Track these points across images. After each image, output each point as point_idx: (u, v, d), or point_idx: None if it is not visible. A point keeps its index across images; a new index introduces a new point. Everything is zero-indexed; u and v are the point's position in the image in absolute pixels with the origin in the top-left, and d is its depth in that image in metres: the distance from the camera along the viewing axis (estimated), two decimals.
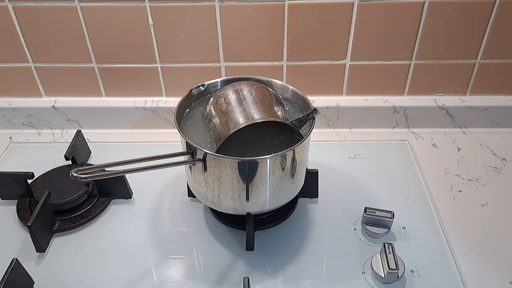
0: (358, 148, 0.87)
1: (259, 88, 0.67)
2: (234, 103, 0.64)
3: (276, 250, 0.68)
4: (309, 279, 0.64)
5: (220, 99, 0.65)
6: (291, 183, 0.65)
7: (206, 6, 0.79)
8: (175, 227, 0.72)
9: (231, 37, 0.83)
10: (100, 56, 0.86)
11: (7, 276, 0.57)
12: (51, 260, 0.67)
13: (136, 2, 0.79)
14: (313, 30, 0.82)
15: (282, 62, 0.86)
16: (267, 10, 0.79)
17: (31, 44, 0.85)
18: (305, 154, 0.66)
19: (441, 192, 0.77)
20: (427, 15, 0.80)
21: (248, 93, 0.65)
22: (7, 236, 0.71)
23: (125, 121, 0.92)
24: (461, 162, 0.84)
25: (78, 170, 0.53)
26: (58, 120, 0.93)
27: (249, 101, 0.64)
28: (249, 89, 0.66)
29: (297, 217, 0.73)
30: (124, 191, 0.76)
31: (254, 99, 0.64)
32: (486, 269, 0.64)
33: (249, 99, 0.64)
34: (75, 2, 0.79)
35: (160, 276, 0.64)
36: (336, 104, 0.90)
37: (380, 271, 0.61)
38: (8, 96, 0.92)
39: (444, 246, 0.68)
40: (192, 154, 0.61)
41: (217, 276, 0.64)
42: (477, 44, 0.83)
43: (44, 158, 0.84)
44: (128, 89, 0.91)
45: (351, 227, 0.71)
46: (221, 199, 0.64)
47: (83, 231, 0.71)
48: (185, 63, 0.87)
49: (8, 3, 0.79)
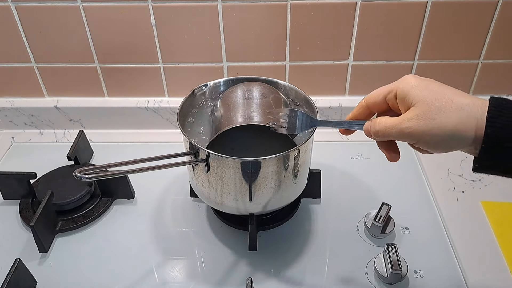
0: (361, 148, 0.87)
1: (270, 91, 0.67)
2: (239, 102, 0.64)
3: (279, 251, 0.67)
4: (312, 280, 0.63)
5: (228, 96, 0.66)
6: (294, 183, 0.65)
7: (208, 6, 0.79)
8: (177, 228, 0.72)
9: (233, 37, 0.83)
10: (103, 56, 0.86)
11: (10, 276, 0.57)
12: (54, 260, 0.67)
13: (139, 2, 0.79)
14: (316, 30, 0.82)
15: (284, 62, 0.86)
16: (269, 10, 0.79)
17: (34, 44, 0.85)
18: (308, 155, 0.66)
19: (444, 193, 0.77)
20: (429, 15, 0.79)
21: (257, 94, 0.65)
22: (10, 236, 0.71)
23: (127, 121, 0.92)
24: (464, 162, 0.84)
25: (82, 170, 0.53)
26: (60, 120, 0.93)
27: (255, 103, 0.64)
28: (259, 91, 0.66)
29: (300, 217, 0.73)
30: (127, 191, 0.76)
31: (261, 101, 0.64)
32: (489, 269, 0.64)
33: (256, 100, 0.64)
34: (78, 2, 0.79)
35: (163, 276, 0.64)
36: (338, 104, 0.90)
37: (383, 272, 0.61)
38: (10, 96, 0.92)
39: (447, 246, 0.68)
40: (195, 154, 0.61)
41: (220, 276, 0.64)
42: (480, 44, 0.83)
43: (46, 158, 0.84)
44: (131, 89, 0.91)
45: (354, 227, 0.71)
46: (224, 200, 0.64)
47: (85, 231, 0.71)
48: (188, 63, 0.87)
49: (10, 3, 0.79)
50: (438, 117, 0.43)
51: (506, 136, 0.40)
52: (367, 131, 0.50)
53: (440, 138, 0.43)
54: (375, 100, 0.50)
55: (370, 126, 0.49)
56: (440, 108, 0.43)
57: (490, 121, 0.40)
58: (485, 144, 0.41)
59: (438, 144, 0.44)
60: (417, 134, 0.44)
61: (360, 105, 0.52)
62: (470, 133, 0.42)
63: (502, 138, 0.40)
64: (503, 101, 0.42)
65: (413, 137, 0.45)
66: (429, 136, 0.44)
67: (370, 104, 0.51)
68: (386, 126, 0.47)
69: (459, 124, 0.42)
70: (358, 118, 0.52)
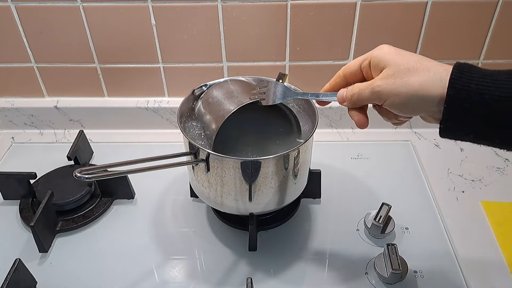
0: (361, 148, 0.87)
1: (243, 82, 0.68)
2: (221, 97, 0.64)
3: (279, 251, 0.67)
4: (312, 280, 0.63)
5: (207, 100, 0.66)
6: (294, 183, 0.65)
7: (208, 6, 0.79)
8: (177, 228, 0.72)
9: (233, 37, 0.83)
10: (103, 56, 0.86)
11: (10, 276, 0.57)
12: (54, 260, 0.67)
13: (139, 2, 0.79)
14: (316, 30, 0.82)
15: (284, 62, 0.86)
16: (269, 10, 0.79)
17: (34, 44, 0.85)
18: (308, 155, 0.66)
19: (444, 193, 0.77)
20: (430, 15, 0.79)
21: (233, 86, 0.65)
22: (10, 236, 0.71)
23: (127, 121, 0.92)
24: (464, 162, 0.84)
25: (82, 170, 0.53)
26: (60, 120, 0.93)
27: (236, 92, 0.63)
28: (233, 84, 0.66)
29: (300, 217, 0.73)
30: (127, 191, 0.76)
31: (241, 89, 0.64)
32: (489, 269, 0.64)
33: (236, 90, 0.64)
34: (78, 2, 0.79)
35: (163, 277, 0.64)
36: (338, 104, 0.90)
37: (383, 272, 0.61)
38: (10, 96, 0.92)
39: (447, 246, 0.68)
40: (195, 154, 0.61)
41: (220, 276, 0.64)
42: (480, 44, 0.83)
43: (46, 158, 0.84)
44: (131, 89, 0.91)
45: (354, 227, 0.71)
46: (224, 200, 0.64)
47: (85, 231, 0.71)
48: (188, 63, 0.87)
49: (10, 3, 0.79)
50: (406, 77, 0.45)
51: (465, 96, 0.42)
52: (341, 97, 0.53)
53: (405, 96, 0.45)
54: (351, 70, 0.53)
55: (345, 92, 0.52)
56: (409, 69, 0.46)
57: (452, 82, 0.42)
58: (447, 104, 0.43)
59: (404, 103, 0.46)
60: (385, 92, 0.47)
61: (338, 75, 0.55)
62: (435, 93, 0.44)
63: (461, 98, 0.42)
64: (465, 65, 0.44)
65: (381, 96, 0.47)
66: (396, 94, 0.46)
67: (346, 74, 0.53)
68: (360, 88, 0.50)
69: (424, 83, 0.44)
70: (334, 89, 0.55)
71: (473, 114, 0.42)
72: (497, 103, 0.41)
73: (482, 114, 0.42)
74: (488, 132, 0.44)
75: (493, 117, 0.42)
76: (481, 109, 0.42)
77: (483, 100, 0.41)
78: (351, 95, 0.51)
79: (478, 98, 0.41)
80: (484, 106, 0.42)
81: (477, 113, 0.42)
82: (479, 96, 0.41)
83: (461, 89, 0.42)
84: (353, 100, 0.51)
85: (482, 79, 0.42)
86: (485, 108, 0.42)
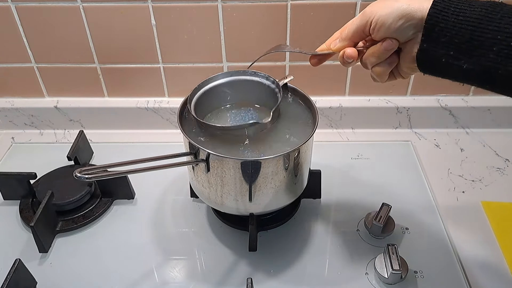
0: (361, 148, 0.87)
1: None
2: None
3: (279, 251, 0.67)
4: (312, 280, 0.63)
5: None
6: (294, 183, 0.65)
7: (208, 6, 0.79)
8: (177, 228, 0.72)
9: (233, 37, 0.83)
10: (103, 57, 0.86)
11: (10, 277, 0.57)
12: (54, 261, 0.67)
13: (139, 2, 0.79)
14: (316, 30, 0.82)
15: (284, 62, 0.86)
16: (269, 10, 0.79)
17: (34, 44, 0.85)
18: (308, 155, 0.66)
19: (444, 193, 0.77)
20: None
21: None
22: (9, 236, 0.71)
23: (127, 122, 0.92)
24: (464, 162, 0.84)
25: (82, 170, 0.53)
26: (60, 120, 0.93)
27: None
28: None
29: (300, 217, 0.73)
30: (127, 191, 0.76)
31: None
32: (489, 269, 0.64)
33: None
34: (78, 2, 0.79)
35: (163, 277, 0.64)
36: (338, 105, 0.90)
37: (384, 272, 0.61)
38: (10, 96, 0.92)
39: (447, 246, 0.68)
40: (195, 154, 0.61)
41: (220, 276, 0.64)
42: None
43: (46, 159, 0.84)
44: (131, 90, 0.91)
45: (354, 227, 0.71)
46: (224, 200, 0.64)
47: (85, 231, 0.71)
48: (188, 63, 0.87)
49: (11, 3, 0.79)
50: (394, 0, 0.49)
51: (442, 18, 0.45)
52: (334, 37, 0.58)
53: (393, 13, 0.48)
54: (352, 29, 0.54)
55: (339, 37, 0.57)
56: None
57: (434, 3, 0.46)
58: (426, 23, 0.46)
59: (391, 21, 0.48)
60: (374, 9, 0.50)
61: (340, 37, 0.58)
62: (419, 13, 0.47)
63: (439, 19, 0.46)
64: None
65: (371, 13, 0.50)
66: (384, 10, 0.48)
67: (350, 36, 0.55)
68: (350, 22, 0.54)
69: (412, 3, 0.47)
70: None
71: (447, 34, 0.45)
72: (468, 24, 0.44)
73: (454, 34, 0.45)
74: (457, 58, 0.46)
75: (464, 38, 0.45)
76: (454, 29, 0.45)
77: (457, 20, 0.45)
78: (350, 23, 0.54)
79: (454, 19, 0.45)
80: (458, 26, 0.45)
81: (450, 33, 0.45)
82: (455, 16, 0.45)
83: (441, 10, 0.46)
84: (344, 33, 0.55)
85: (461, 3, 0.46)
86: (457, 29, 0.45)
